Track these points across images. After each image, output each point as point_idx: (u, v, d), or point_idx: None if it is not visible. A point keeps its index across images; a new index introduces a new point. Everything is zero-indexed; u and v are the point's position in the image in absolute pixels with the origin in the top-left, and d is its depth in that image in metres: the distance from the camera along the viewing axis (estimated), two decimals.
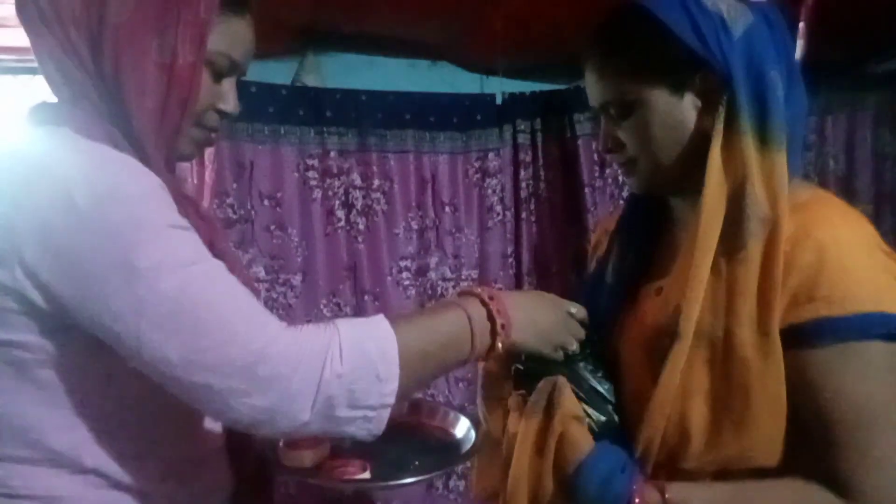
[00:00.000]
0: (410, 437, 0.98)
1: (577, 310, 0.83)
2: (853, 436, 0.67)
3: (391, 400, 0.66)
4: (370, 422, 0.66)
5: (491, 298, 0.74)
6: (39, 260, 0.61)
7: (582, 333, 0.83)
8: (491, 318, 0.74)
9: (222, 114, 0.78)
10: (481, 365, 0.91)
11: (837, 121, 2.45)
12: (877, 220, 2.48)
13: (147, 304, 0.61)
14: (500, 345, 0.74)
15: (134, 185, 0.64)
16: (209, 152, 1.78)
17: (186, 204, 0.74)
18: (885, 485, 0.66)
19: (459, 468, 2.09)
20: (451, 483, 2.12)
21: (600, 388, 0.81)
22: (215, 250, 0.75)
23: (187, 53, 0.70)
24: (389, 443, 0.89)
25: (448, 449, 0.95)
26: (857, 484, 0.67)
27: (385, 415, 0.66)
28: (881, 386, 0.68)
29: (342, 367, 0.63)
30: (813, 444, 0.69)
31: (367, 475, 0.85)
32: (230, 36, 0.74)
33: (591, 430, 0.78)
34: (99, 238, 0.61)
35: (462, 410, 1.05)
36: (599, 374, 0.82)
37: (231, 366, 0.61)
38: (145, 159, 0.70)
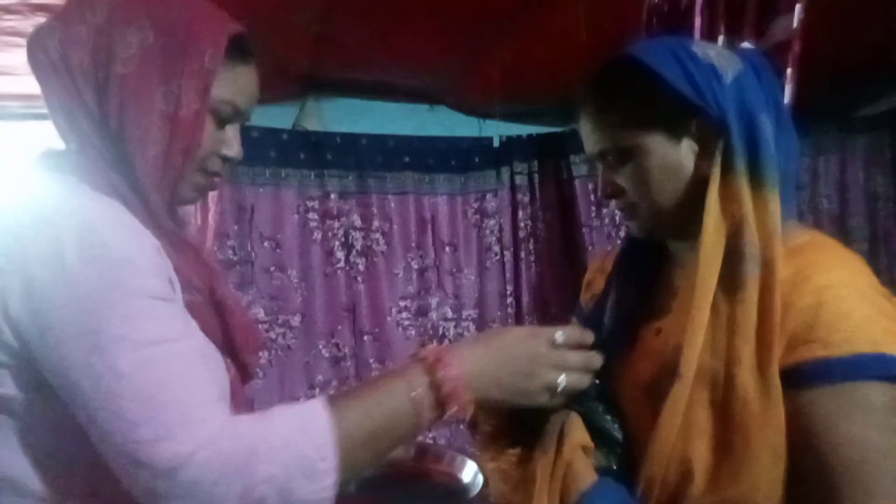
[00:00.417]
0: (417, 483, 0.97)
1: (562, 335, 0.74)
2: (852, 480, 0.66)
3: (329, 493, 0.64)
4: None
5: (437, 361, 0.69)
6: (22, 312, 0.62)
7: (575, 359, 0.74)
8: (435, 384, 0.68)
9: (225, 159, 0.79)
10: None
11: (829, 162, 2.50)
12: (871, 258, 2.49)
13: (102, 379, 0.61)
14: (449, 412, 0.69)
15: (122, 248, 0.65)
16: (212, 195, 1.80)
17: (186, 249, 0.75)
18: None
19: None
20: None
21: (612, 429, 0.79)
22: (215, 295, 0.76)
23: (191, 102, 0.71)
24: (395, 488, 0.89)
25: (455, 494, 0.94)
26: None
27: None
28: (878, 427, 0.67)
29: (273, 468, 0.62)
30: (812, 486, 0.69)
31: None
32: (234, 84, 0.76)
33: (597, 468, 0.78)
34: (75, 300, 0.62)
35: (468, 454, 1.04)
36: (609, 416, 0.80)
37: (157, 466, 0.60)
38: (147, 206, 0.71)
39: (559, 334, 0.74)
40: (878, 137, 2.51)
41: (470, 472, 0.97)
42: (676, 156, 0.78)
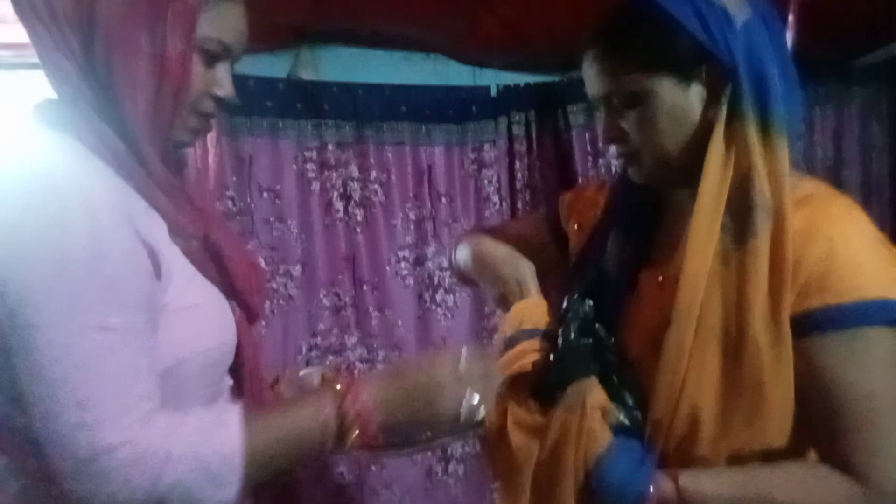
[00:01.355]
0: None
1: (468, 363, 0.78)
2: (859, 420, 0.70)
3: (230, 498, 0.68)
4: None
5: (347, 391, 0.74)
6: None
7: (484, 371, 0.78)
8: (341, 413, 0.73)
9: (218, 99, 0.78)
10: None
11: (825, 113, 2.50)
12: (865, 208, 2.52)
13: (38, 351, 0.62)
14: (352, 436, 0.73)
15: (90, 228, 0.65)
16: (211, 143, 1.79)
17: (179, 196, 0.76)
18: (890, 465, 0.70)
19: (459, 453, 2.14)
20: (451, 468, 2.16)
21: (626, 396, 0.81)
22: (210, 240, 0.77)
23: (177, 43, 0.70)
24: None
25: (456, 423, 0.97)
26: (862, 465, 0.70)
27: None
28: (885, 371, 0.71)
29: (179, 474, 0.65)
30: (820, 427, 0.72)
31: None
32: (220, 20, 0.75)
33: (613, 426, 0.79)
34: (30, 274, 0.63)
35: None
36: (622, 374, 0.82)
37: (74, 453, 0.63)
38: (138, 156, 0.71)
39: (463, 360, 0.79)
40: (874, 88, 2.50)
41: (470, 403, 1.00)
42: (685, 101, 0.78)
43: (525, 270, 0.95)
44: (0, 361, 0.65)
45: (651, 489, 0.74)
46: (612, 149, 2.11)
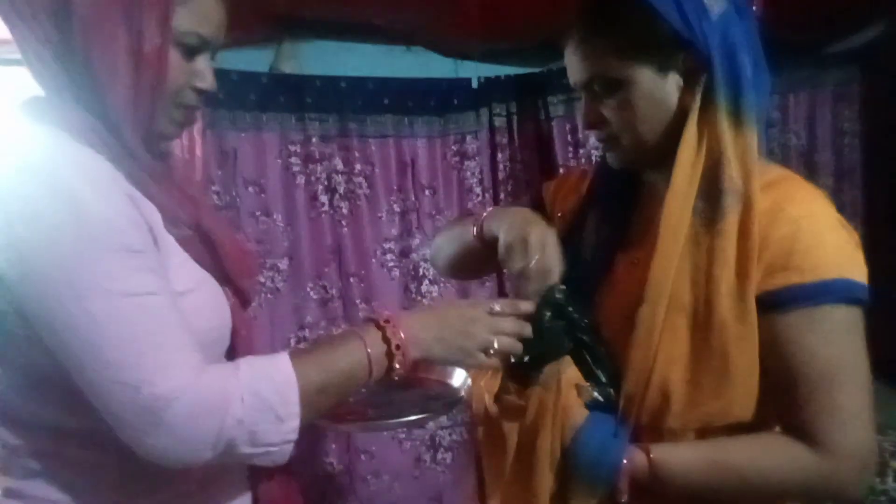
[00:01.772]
0: (410, 390, 1.03)
1: (501, 305, 0.83)
2: (818, 391, 0.74)
3: (293, 436, 0.71)
4: (272, 455, 0.71)
5: (387, 321, 0.78)
6: (5, 266, 0.66)
7: (508, 325, 0.81)
8: (386, 340, 0.77)
9: (200, 91, 0.79)
10: None
11: (799, 99, 2.55)
12: (837, 192, 2.59)
13: (80, 329, 0.65)
14: (397, 365, 0.77)
15: (97, 203, 0.67)
16: (197, 136, 1.79)
17: (169, 185, 0.77)
18: (848, 434, 0.74)
19: (447, 441, 2.18)
20: (439, 456, 2.20)
21: (599, 373, 0.85)
22: (202, 227, 0.79)
23: (154, 36, 0.71)
24: (390, 396, 0.97)
25: (446, 398, 1.00)
26: (822, 435, 0.74)
27: (288, 448, 0.71)
28: (844, 345, 0.75)
29: (242, 412, 0.68)
30: (784, 399, 0.76)
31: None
32: (198, 13, 0.75)
33: (587, 403, 0.82)
34: (52, 255, 0.65)
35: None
36: (597, 352, 0.85)
37: (138, 407, 0.65)
38: (124, 146, 0.72)
39: (496, 304, 0.83)
40: (847, 74, 2.56)
41: (459, 378, 1.04)
42: (662, 89, 0.81)
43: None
44: (38, 345, 0.67)
45: (624, 461, 0.77)
46: (593, 139, 2.15)
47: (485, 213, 0.98)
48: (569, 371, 0.82)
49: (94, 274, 0.66)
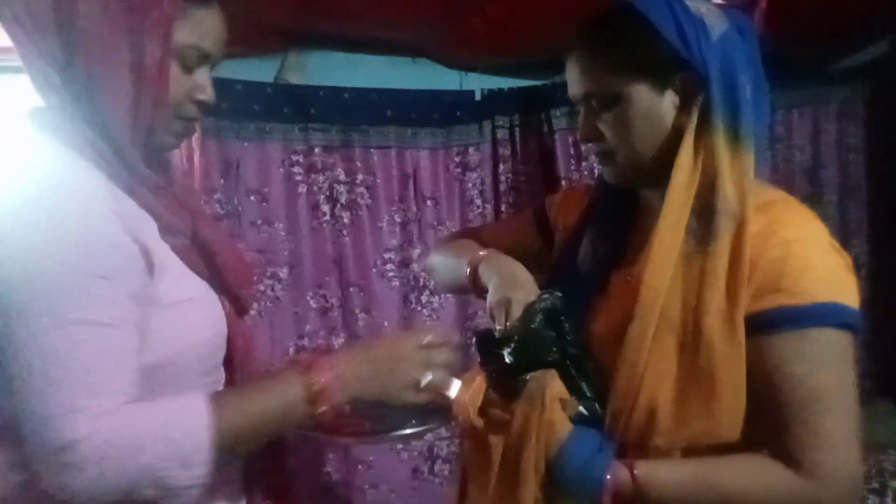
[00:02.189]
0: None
1: (432, 337, 0.84)
2: (804, 415, 0.74)
3: (202, 480, 0.71)
4: (179, 499, 0.71)
5: (309, 366, 0.78)
6: None
7: (439, 358, 0.83)
8: (308, 384, 0.77)
9: (199, 103, 0.80)
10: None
11: (803, 115, 2.55)
12: (842, 209, 2.58)
13: (24, 344, 0.66)
14: (321, 409, 0.77)
15: (80, 224, 0.68)
16: (197, 146, 1.81)
17: (166, 196, 0.78)
18: (836, 460, 0.73)
19: (444, 452, 2.17)
20: (437, 468, 2.19)
21: (585, 382, 0.84)
22: (198, 237, 0.80)
23: (155, 51, 0.73)
24: (387, 408, 0.96)
25: (444, 409, 1.00)
26: (808, 459, 0.73)
27: (195, 491, 0.71)
28: (832, 370, 0.74)
29: (151, 458, 0.68)
30: (771, 422, 0.76)
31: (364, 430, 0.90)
32: (198, 28, 0.77)
33: (572, 418, 0.82)
34: (21, 268, 0.66)
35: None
36: (584, 367, 0.85)
37: (50, 442, 0.66)
38: (122, 159, 0.74)
39: (427, 336, 0.84)
40: (852, 90, 2.55)
41: (455, 389, 1.04)
42: (658, 106, 0.82)
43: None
44: None
45: (608, 477, 0.77)
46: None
47: (481, 255, 0.99)
48: (553, 385, 0.82)
49: (52, 296, 0.66)
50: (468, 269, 0.99)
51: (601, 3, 0.85)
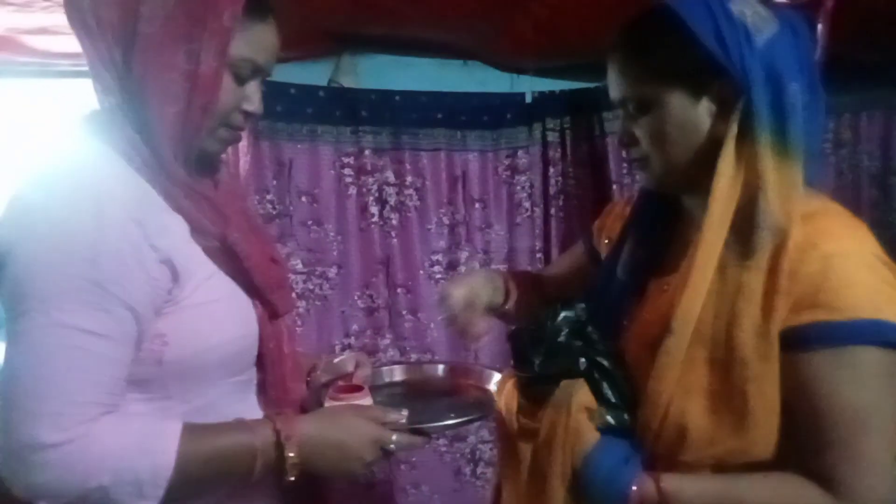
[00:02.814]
0: (449, 397, 1.06)
1: (395, 417, 0.88)
2: (843, 436, 0.70)
3: None
4: None
5: (277, 428, 0.79)
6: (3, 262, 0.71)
7: (400, 442, 0.87)
8: (278, 443, 0.78)
9: (247, 114, 0.83)
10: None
11: (872, 118, 2.43)
12: None
13: (16, 337, 0.69)
14: (289, 469, 0.78)
15: (89, 230, 0.70)
16: (245, 150, 1.86)
17: (199, 200, 0.80)
18: (871, 483, 0.70)
19: (487, 456, 2.17)
20: (479, 470, 2.19)
21: (611, 396, 0.84)
22: (227, 240, 0.81)
23: (211, 61, 0.75)
24: (429, 403, 1.00)
25: (484, 404, 1.01)
26: (844, 481, 0.70)
27: None
28: (872, 390, 0.71)
29: (108, 481, 0.69)
30: (805, 441, 0.73)
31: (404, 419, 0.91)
32: (254, 42, 0.79)
33: (599, 427, 0.81)
34: (27, 261, 0.69)
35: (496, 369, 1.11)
36: (613, 376, 0.84)
37: (17, 441, 0.68)
38: (160, 161, 0.76)
39: (391, 415, 0.87)
40: None
41: (494, 382, 1.04)
42: (694, 114, 0.79)
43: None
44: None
45: (634, 488, 0.76)
46: None
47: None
48: (580, 394, 0.81)
49: (48, 297, 0.69)
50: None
51: (646, 4, 0.83)
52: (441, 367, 1.18)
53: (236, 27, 0.76)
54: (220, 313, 0.81)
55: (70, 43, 0.82)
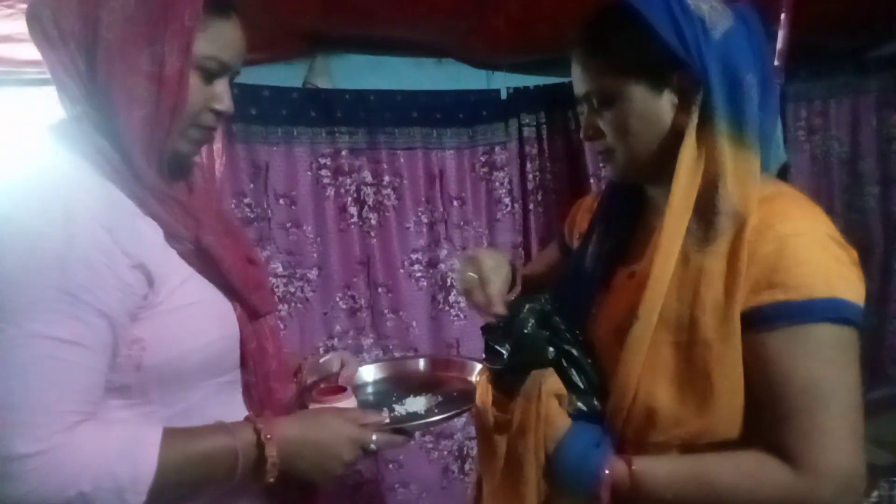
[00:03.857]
0: (433, 389, 1.05)
1: (372, 418, 0.88)
2: (802, 410, 0.73)
3: None
4: None
5: (257, 428, 0.79)
6: None
7: (380, 442, 0.87)
8: (259, 444, 0.78)
9: (218, 113, 0.82)
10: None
11: (841, 105, 2.48)
12: (883, 201, 2.50)
13: None
14: (269, 469, 0.78)
15: (59, 240, 0.69)
16: (220, 152, 1.84)
17: (172, 204, 0.79)
18: (828, 455, 0.72)
19: (475, 453, 2.17)
20: (467, 467, 2.20)
21: (580, 382, 0.86)
22: (201, 243, 0.81)
23: (175, 61, 0.74)
24: (413, 395, 1.00)
25: (468, 394, 1.01)
26: (804, 454, 0.72)
27: None
28: (828, 365, 0.73)
29: (90, 488, 0.69)
30: (766, 418, 0.75)
31: (387, 419, 0.92)
32: (217, 39, 0.78)
33: (571, 413, 0.83)
34: (3, 272, 0.68)
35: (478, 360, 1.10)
36: (581, 363, 0.86)
37: None
38: (130, 167, 0.75)
39: (368, 417, 0.88)
40: (891, 78, 2.47)
41: (476, 373, 1.05)
42: (656, 106, 0.81)
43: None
44: None
45: (606, 472, 0.77)
46: None
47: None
48: (550, 381, 0.82)
49: (19, 307, 0.68)
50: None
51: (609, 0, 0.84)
52: (423, 361, 1.19)
53: (198, 26, 0.76)
54: (197, 316, 0.81)
55: (35, 51, 0.80)
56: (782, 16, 1.24)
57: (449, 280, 2.17)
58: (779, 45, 1.21)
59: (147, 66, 0.74)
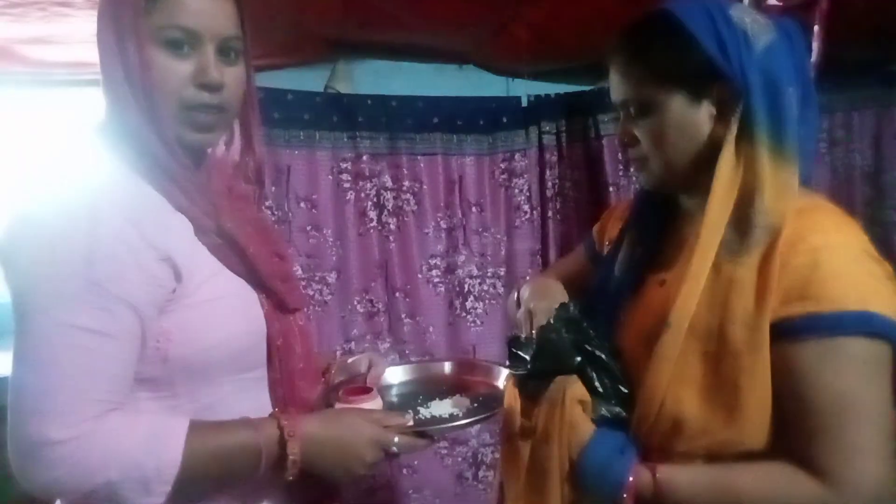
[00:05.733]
0: (459, 393, 1.05)
1: (395, 420, 0.88)
2: (831, 424, 0.72)
3: (159, 501, 0.72)
4: None
5: (281, 425, 0.79)
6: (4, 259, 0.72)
7: (401, 444, 0.87)
8: (282, 441, 0.78)
9: (204, 87, 0.77)
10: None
11: (864, 117, 2.45)
12: None
13: (23, 337, 0.70)
14: (290, 466, 0.78)
15: (88, 236, 0.70)
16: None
17: (192, 191, 0.80)
18: (859, 471, 0.71)
19: (489, 459, 2.17)
20: (481, 474, 2.19)
21: (604, 389, 0.85)
22: (224, 229, 0.81)
23: (131, 36, 0.74)
24: (438, 399, 1.00)
25: (493, 399, 1.01)
26: (831, 468, 0.71)
27: None
28: (859, 379, 0.72)
29: (116, 477, 0.70)
30: (794, 430, 0.74)
31: (410, 422, 0.92)
32: (174, 5, 0.75)
33: (595, 419, 0.83)
34: (31, 264, 0.70)
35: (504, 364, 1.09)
36: (609, 370, 0.85)
37: (25, 438, 0.69)
38: (154, 161, 0.77)
39: (393, 419, 0.88)
40: None
41: (503, 378, 1.05)
42: (694, 117, 0.81)
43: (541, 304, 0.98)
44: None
45: (629, 478, 0.77)
46: None
47: (526, 280, 1.03)
48: (574, 387, 0.82)
49: (50, 298, 0.70)
50: (516, 293, 1.05)
51: (642, 8, 0.85)
52: (449, 365, 1.19)
53: None
54: (224, 310, 0.81)
55: (66, 52, 0.83)
56: (815, 28, 1.23)
57: (467, 286, 2.18)
58: (813, 57, 1.20)
59: (117, 57, 0.75)
